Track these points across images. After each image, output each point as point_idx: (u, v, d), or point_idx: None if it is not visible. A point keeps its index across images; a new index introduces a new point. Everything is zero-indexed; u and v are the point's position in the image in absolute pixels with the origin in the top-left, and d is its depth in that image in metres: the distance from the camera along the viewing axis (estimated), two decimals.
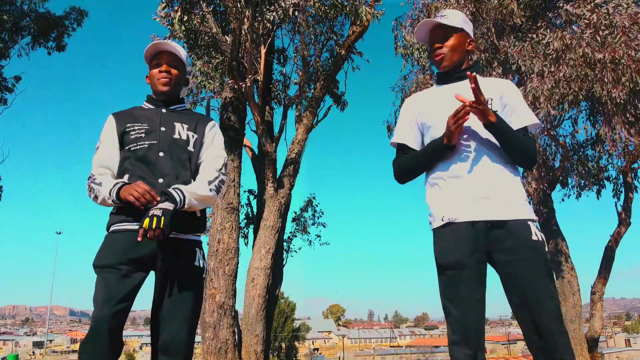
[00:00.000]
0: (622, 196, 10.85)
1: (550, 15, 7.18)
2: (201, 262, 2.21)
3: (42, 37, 11.94)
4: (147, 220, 1.98)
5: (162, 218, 1.99)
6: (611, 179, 10.69)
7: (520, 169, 2.18)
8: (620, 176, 10.80)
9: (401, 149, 2.26)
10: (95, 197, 2.14)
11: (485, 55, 7.68)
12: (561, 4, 6.99)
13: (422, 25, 2.22)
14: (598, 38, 6.34)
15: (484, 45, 7.71)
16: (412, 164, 2.19)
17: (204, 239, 2.33)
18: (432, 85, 2.74)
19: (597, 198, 10.58)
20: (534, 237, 1.96)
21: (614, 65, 6.29)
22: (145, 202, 2.04)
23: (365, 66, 8.96)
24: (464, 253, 1.97)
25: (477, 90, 1.94)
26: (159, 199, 2.06)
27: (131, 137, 2.23)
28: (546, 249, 1.99)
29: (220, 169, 2.29)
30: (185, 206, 2.11)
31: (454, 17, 2.18)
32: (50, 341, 71.09)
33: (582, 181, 10.16)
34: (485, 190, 2.00)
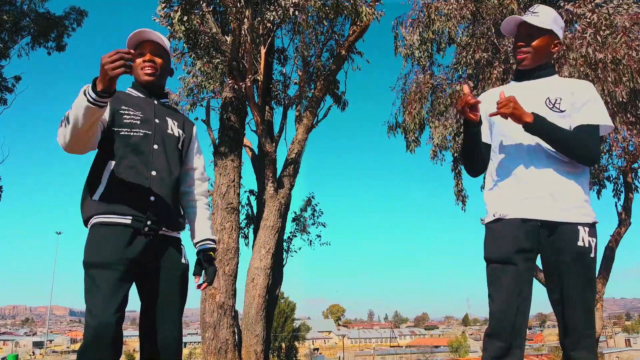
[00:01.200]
0: (622, 196, 10.84)
1: None
2: (186, 258, 2.21)
3: (42, 37, 11.91)
4: (213, 277, 2.20)
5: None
6: (611, 179, 10.68)
7: (586, 169, 2.11)
8: (621, 176, 10.79)
9: None
10: (67, 120, 1.82)
11: (486, 55, 7.68)
12: (562, 4, 6.99)
13: (511, 20, 2.17)
14: (599, 38, 6.34)
15: (484, 45, 7.70)
16: (461, 152, 2.28)
17: None
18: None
19: (598, 198, 10.57)
20: (580, 243, 1.96)
21: (614, 66, 6.29)
22: (127, 61, 1.73)
23: (366, 66, 8.96)
24: (510, 249, 1.98)
25: (505, 101, 1.96)
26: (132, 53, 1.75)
27: (124, 120, 2.09)
28: (592, 255, 1.98)
29: (207, 190, 2.39)
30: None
31: (545, 17, 2.11)
32: (50, 341, 71.08)
33: None
34: (538, 189, 2.00)
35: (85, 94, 1.76)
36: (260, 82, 7.51)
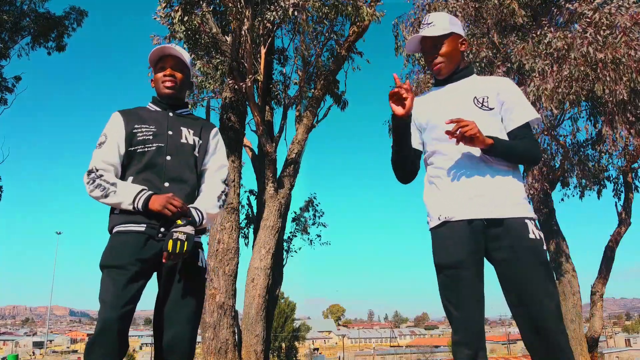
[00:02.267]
0: (622, 196, 10.84)
1: (554, 11, 7.17)
2: (204, 262, 2.24)
3: (42, 37, 11.93)
4: (171, 243, 2.02)
5: (186, 243, 2.03)
6: (611, 178, 10.69)
7: (520, 167, 2.18)
8: (621, 176, 10.79)
9: None
10: (105, 196, 2.09)
11: (487, 55, 7.67)
12: (563, 3, 6.99)
13: (413, 39, 2.21)
14: (599, 38, 6.34)
15: (485, 44, 7.70)
16: (392, 156, 2.20)
17: (203, 239, 2.34)
18: (430, 86, 2.72)
19: (598, 198, 10.59)
20: (531, 236, 1.94)
21: (614, 65, 6.29)
22: (178, 215, 2.08)
23: (366, 66, 8.97)
24: (462, 252, 1.95)
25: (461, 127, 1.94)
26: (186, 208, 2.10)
27: (138, 138, 2.21)
28: (544, 247, 1.97)
29: (225, 180, 2.36)
30: (200, 227, 2.17)
31: (441, 23, 2.15)
32: (50, 341, 71.07)
33: (583, 181, 10.16)
34: (480, 189, 2.00)
35: (135, 201, 2.07)
36: (260, 82, 7.51)
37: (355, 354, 55.34)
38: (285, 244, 10.05)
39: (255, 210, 9.31)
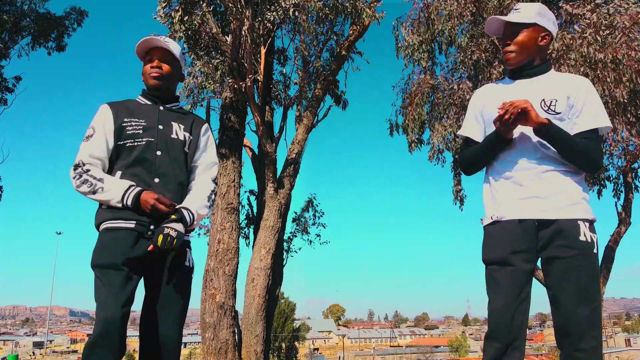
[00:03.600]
0: (622, 196, 10.83)
1: (554, 12, 7.18)
2: (191, 261, 2.23)
3: (42, 37, 11.92)
4: (161, 238, 2.01)
5: (175, 240, 2.03)
6: (611, 178, 10.68)
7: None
8: (621, 176, 10.79)
9: (466, 141, 2.27)
10: (93, 193, 2.06)
11: (486, 55, 7.68)
12: (561, 4, 6.99)
13: (493, 20, 2.16)
14: (599, 38, 6.34)
15: (484, 45, 7.71)
16: (472, 157, 2.21)
17: (204, 239, 2.35)
18: (501, 78, 2.62)
19: (598, 198, 10.56)
20: (582, 238, 1.93)
21: (614, 66, 6.29)
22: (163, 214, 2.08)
23: (366, 66, 8.96)
24: (508, 250, 1.98)
25: (513, 107, 1.93)
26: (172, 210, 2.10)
27: (127, 132, 2.15)
28: (595, 250, 1.95)
29: (215, 179, 2.33)
30: (190, 227, 2.16)
31: (528, 11, 2.09)
32: (51, 341, 71.05)
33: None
34: (534, 190, 2.00)
35: (124, 198, 2.05)
36: (260, 83, 7.51)
37: (355, 354, 55.31)
38: (285, 244, 10.05)
39: (255, 210, 9.31)
